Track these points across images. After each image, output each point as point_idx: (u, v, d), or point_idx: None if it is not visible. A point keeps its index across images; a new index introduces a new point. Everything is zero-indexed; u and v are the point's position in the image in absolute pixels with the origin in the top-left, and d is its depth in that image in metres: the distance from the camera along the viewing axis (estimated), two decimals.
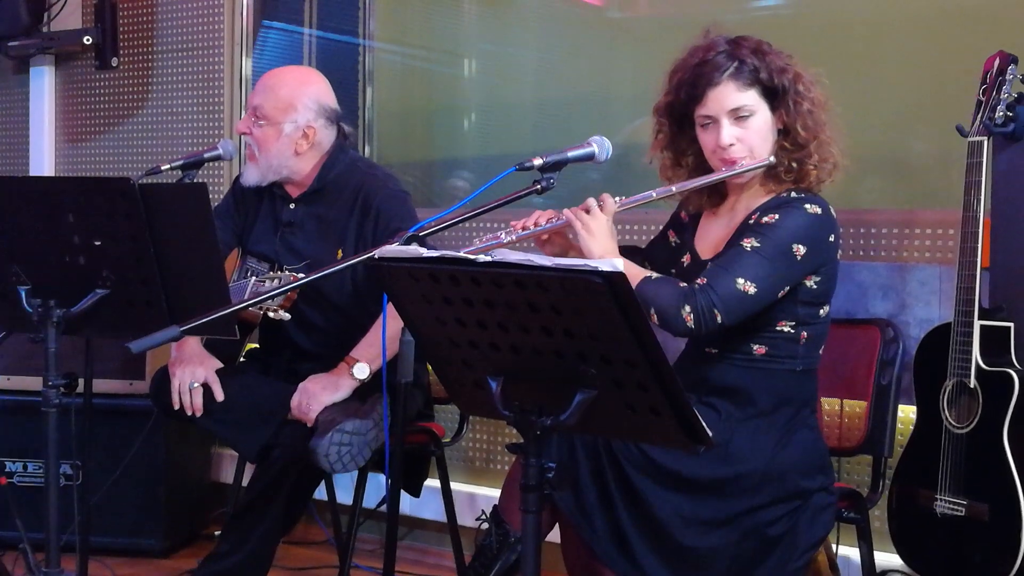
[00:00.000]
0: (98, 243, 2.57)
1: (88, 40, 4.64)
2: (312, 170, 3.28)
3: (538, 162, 2.40)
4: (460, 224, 2.45)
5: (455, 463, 3.88)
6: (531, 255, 1.79)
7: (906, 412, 2.92)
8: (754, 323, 2.49)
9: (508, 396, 1.89)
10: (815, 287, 2.53)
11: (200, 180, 3.27)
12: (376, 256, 1.96)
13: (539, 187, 2.41)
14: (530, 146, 4.22)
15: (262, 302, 2.93)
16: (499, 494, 2.66)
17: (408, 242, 2.27)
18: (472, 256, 1.82)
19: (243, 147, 3.52)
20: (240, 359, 3.46)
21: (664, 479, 2.42)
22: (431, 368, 2.43)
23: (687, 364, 2.61)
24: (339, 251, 3.20)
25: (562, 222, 2.52)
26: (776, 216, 2.49)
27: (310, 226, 3.28)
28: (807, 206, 2.51)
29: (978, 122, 2.67)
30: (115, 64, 4.69)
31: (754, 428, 2.52)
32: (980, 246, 2.63)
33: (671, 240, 2.80)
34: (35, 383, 2.79)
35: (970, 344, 2.62)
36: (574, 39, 4.19)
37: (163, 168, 3.19)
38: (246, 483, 3.27)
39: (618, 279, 1.68)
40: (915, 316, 3.07)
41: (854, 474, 3.16)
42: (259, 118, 3.22)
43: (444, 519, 3.44)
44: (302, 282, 2.44)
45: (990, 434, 2.60)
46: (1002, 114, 2.65)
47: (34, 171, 4.90)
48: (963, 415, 2.65)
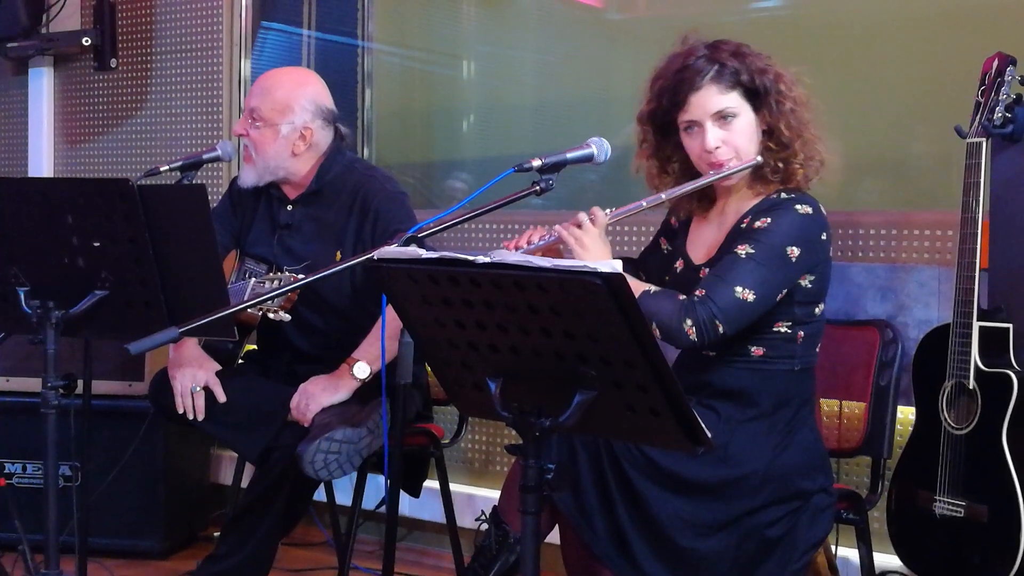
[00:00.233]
0: (97, 244, 2.57)
1: (87, 41, 4.65)
2: (309, 171, 3.28)
3: (537, 163, 2.40)
4: (459, 225, 2.45)
5: (454, 464, 3.88)
6: (530, 256, 1.79)
7: (905, 413, 2.92)
8: (751, 325, 2.50)
9: (507, 397, 1.89)
10: (810, 286, 2.54)
11: (199, 181, 3.27)
12: (375, 257, 1.96)
13: (538, 188, 2.41)
14: (529, 148, 4.21)
15: (262, 303, 2.93)
16: (498, 495, 2.66)
17: (407, 243, 2.27)
18: (471, 257, 1.82)
19: (241, 148, 3.52)
20: (239, 361, 3.46)
21: (664, 481, 2.42)
22: (430, 369, 2.43)
23: (685, 368, 2.60)
24: (337, 253, 3.20)
25: (554, 238, 2.52)
26: (768, 220, 2.50)
27: (308, 228, 3.28)
28: (797, 207, 2.51)
29: (976, 123, 2.67)
30: (114, 65, 4.69)
31: (754, 430, 2.52)
32: (979, 247, 2.63)
33: (663, 248, 2.80)
34: (34, 384, 2.80)
35: (969, 345, 2.62)
36: (573, 41, 4.20)
37: (162, 169, 3.20)
38: (245, 484, 3.27)
39: (617, 280, 1.68)
40: (914, 317, 3.07)
41: (853, 475, 3.16)
42: (256, 119, 3.22)
43: (443, 520, 3.44)
44: (302, 283, 2.44)
45: (989, 435, 2.60)
46: (1000, 115, 2.65)
47: (33, 172, 4.90)
48: (962, 416, 2.65)
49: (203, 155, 3.27)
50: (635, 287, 2.48)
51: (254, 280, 3.08)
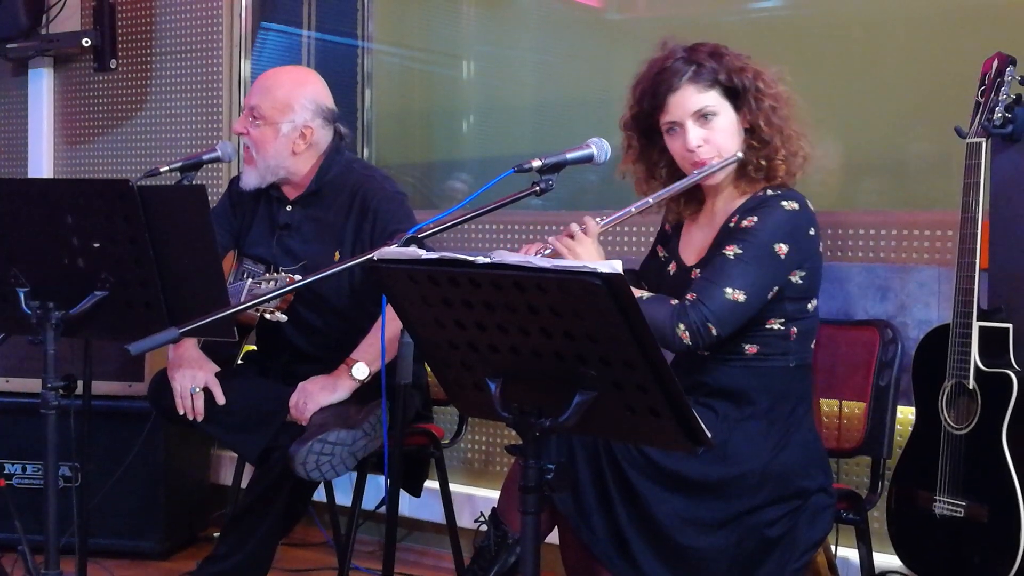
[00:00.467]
0: (97, 245, 2.57)
1: (87, 42, 4.65)
2: (309, 171, 3.28)
3: (537, 164, 2.41)
4: (459, 226, 2.45)
5: (454, 465, 3.88)
6: (530, 257, 1.79)
7: (905, 413, 2.92)
8: (745, 324, 2.50)
9: (507, 398, 1.89)
10: (801, 282, 2.55)
11: (199, 182, 3.27)
12: (375, 258, 1.96)
13: (537, 189, 2.41)
14: (529, 148, 4.22)
15: (262, 304, 2.93)
16: (498, 496, 2.66)
17: (407, 244, 2.27)
18: (471, 258, 1.82)
19: (241, 149, 3.52)
20: (238, 361, 3.46)
21: (663, 480, 2.42)
22: (430, 370, 2.43)
23: (681, 368, 2.60)
24: (336, 253, 3.20)
25: (549, 251, 2.53)
26: (755, 219, 2.52)
27: (307, 228, 3.28)
28: (784, 203, 2.53)
29: (976, 123, 2.67)
30: (114, 66, 4.69)
31: (752, 428, 2.52)
32: (979, 247, 2.63)
33: (660, 255, 2.82)
34: (34, 385, 2.79)
35: (969, 345, 2.62)
36: (573, 41, 4.20)
37: (162, 170, 3.19)
38: (245, 485, 3.27)
39: (617, 280, 1.68)
40: (914, 317, 3.07)
41: (853, 475, 3.16)
42: (256, 118, 3.22)
43: (443, 520, 3.44)
44: (300, 284, 2.44)
45: (989, 435, 2.60)
46: (1000, 115, 2.66)
47: (33, 173, 4.90)
48: (962, 416, 2.65)
49: (203, 156, 3.26)
50: None
51: (251, 281, 3.08)
